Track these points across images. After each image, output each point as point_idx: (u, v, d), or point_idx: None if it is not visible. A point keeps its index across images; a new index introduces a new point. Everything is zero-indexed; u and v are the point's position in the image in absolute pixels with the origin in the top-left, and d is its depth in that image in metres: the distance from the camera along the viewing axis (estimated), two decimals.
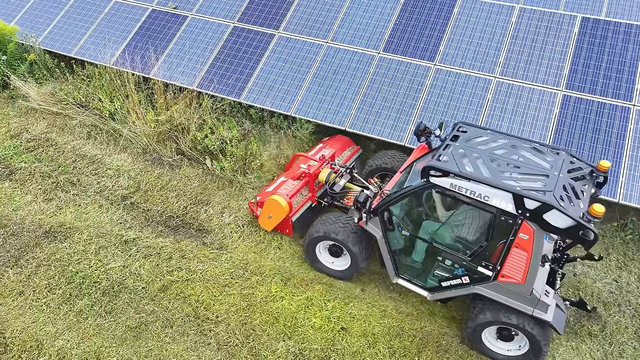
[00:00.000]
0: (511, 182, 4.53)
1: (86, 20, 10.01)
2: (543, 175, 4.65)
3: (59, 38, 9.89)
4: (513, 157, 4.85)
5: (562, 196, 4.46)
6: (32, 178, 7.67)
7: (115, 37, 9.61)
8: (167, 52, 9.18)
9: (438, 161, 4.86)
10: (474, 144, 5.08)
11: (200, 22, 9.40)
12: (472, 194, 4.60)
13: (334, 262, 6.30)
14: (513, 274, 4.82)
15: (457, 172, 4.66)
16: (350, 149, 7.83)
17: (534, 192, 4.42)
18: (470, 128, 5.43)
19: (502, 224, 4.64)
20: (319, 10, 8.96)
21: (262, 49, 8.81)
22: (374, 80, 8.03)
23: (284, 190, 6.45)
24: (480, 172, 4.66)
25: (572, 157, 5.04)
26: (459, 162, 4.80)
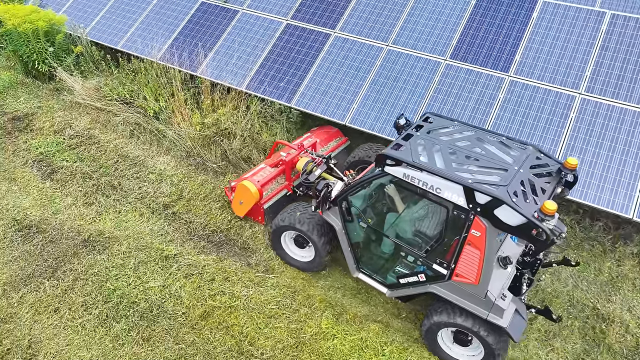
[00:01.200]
0: (465, 175, 4.29)
1: (134, 11, 9.56)
2: (501, 169, 4.39)
3: (106, 29, 9.48)
4: (475, 150, 4.63)
5: (517, 192, 4.17)
6: (73, 179, 7.30)
7: (163, 31, 9.13)
8: (216, 49, 8.62)
9: (393, 150, 4.65)
10: (437, 135, 4.89)
11: (252, 18, 8.79)
12: (425, 185, 4.39)
13: (299, 253, 6.10)
14: (466, 274, 4.54)
15: (409, 162, 4.45)
16: (337, 140, 7.56)
17: (487, 185, 4.15)
18: (437, 119, 5.24)
19: (455, 218, 4.39)
20: (379, 10, 8.20)
21: (316, 49, 8.13)
22: (440, 90, 7.24)
23: (258, 177, 6.29)
24: (435, 162, 4.45)
25: (539, 153, 4.76)
26: (415, 151, 4.60)
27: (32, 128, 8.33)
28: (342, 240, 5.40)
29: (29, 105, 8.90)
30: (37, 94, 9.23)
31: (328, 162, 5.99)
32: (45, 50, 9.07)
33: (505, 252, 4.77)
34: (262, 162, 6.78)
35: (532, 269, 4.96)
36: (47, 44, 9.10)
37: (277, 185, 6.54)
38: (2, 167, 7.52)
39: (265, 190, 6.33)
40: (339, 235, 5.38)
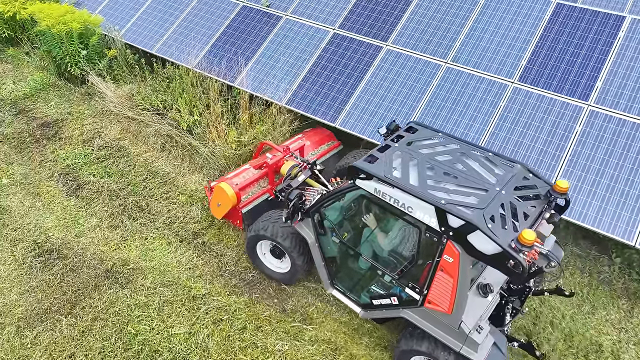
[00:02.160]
0: (439, 194, 3.87)
1: (171, 13, 8.96)
2: (481, 189, 3.96)
3: (142, 32, 8.92)
4: (456, 166, 4.23)
5: (495, 216, 3.73)
6: (99, 196, 6.76)
7: (200, 36, 8.50)
8: (256, 58, 7.94)
9: (366, 162, 4.25)
10: (416, 147, 4.47)
11: (296, 25, 8.06)
12: (396, 202, 3.99)
13: (276, 264, 5.68)
14: (439, 302, 4.13)
15: (380, 176, 4.05)
16: (329, 144, 7.02)
17: (461, 207, 3.73)
18: (422, 129, 4.79)
19: (428, 241, 3.99)
20: (437, 22, 7.33)
21: (365, 63, 7.34)
22: (505, 117, 6.36)
23: (239, 179, 5.93)
24: (408, 178, 4.04)
25: (527, 173, 4.30)
26: (389, 165, 4.19)
27: (61, 136, 7.85)
28: (315, 254, 5.05)
29: (59, 110, 8.43)
30: (69, 97, 8.77)
31: (313, 168, 5.50)
32: (78, 53, 8.59)
33: (489, 277, 4.37)
34: (247, 163, 6.38)
35: (520, 296, 4.55)
36: (81, 46, 8.61)
37: (259, 189, 6.12)
38: (28, 179, 7.05)
39: (245, 193, 5.95)
40: (312, 249, 5.02)
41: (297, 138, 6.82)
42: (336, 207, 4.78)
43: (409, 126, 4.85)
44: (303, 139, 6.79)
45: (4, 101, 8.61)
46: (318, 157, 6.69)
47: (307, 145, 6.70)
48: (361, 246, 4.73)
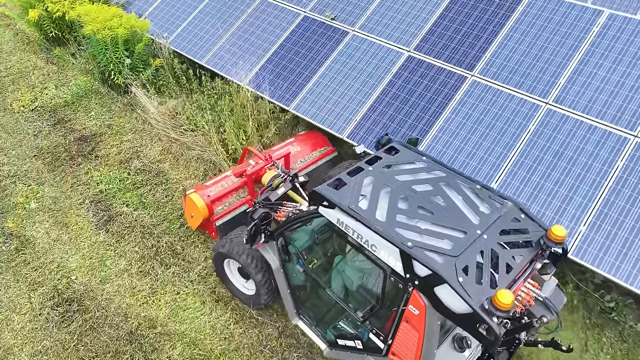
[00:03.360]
0: (408, 234, 3.35)
1: (225, 20, 8.04)
2: (459, 230, 3.42)
3: (192, 38, 8.06)
4: (434, 200, 3.67)
5: (469, 267, 3.14)
6: (131, 233, 5.97)
7: (255, 48, 7.53)
8: (316, 79, 6.90)
9: (332, 188, 3.74)
10: (393, 172, 3.89)
11: (364, 43, 6.95)
12: (360, 238, 3.50)
13: (243, 284, 5.18)
14: (403, 355, 3.59)
15: (342, 207, 3.54)
16: (321, 150, 6.33)
17: (431, 253, 3.19)
18: (404, 150, 4.24)
19: (393, 285, 3.47)
20: (537, 51, 6.03)
21: (445, 95, 6.16)
22: (625, 181, 5.06)
23: (214, 189, 5.46)
24: (374, 211, 3.51)
25: (520, 213, 3.69)
26: (356, 193, 3.67)
27: (98, 154, 7.12)
28: (280, 281, 4.56)
29: (99, 122, 7.72)
30: (110, 107, 8.05)
31: (293, 180, 4.89)
32: (122, 61, 7.83)
33: None
34: (230, 169, 5.87)
35: (508, 348, 3.88)
36: (126, 53, 7.84)
37: (238, 199, 5.61)
38: (58, 204, 6.35)
39: (222, 203, 5.48)
40: (276, 275, 4.51)
41: (287, 143, 6.21)
42: (304, 231, 4.20)
43: (390, 146, 4.22)
44: (294, 144, 6.17)
45: (44, 108, 7.99)
46: (307, 165, 6.06)
47: (297, 152, 6.09)
48: (328, 277, 4.18)
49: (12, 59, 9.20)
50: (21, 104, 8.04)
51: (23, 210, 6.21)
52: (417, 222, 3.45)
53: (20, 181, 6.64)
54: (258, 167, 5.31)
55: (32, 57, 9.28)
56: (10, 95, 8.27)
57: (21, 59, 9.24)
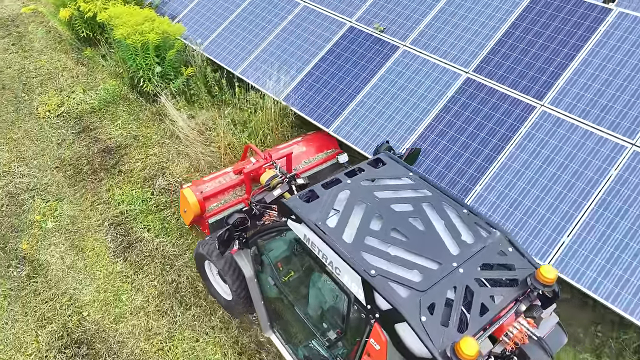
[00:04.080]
0: (375, 261, 2.91)
1: (263, 26, 7.42)
2: (433, 261, 2.95)
3: (227, 45, 7.48)
4: (414, 222, 3.20)
5: (437, 305, 2.72)
6: (150, 263, 5.44)
7: (294, 59, 6.90)
8: (360, 99, 6.21)
9: (303, 200, 3.34)
10: (373, 188, 3.47)
11: (416, 61, 6.21)
12: (325, 258, 3.08)
13: (223, 288, 4.92)
14: None
15: (308, 223, 3.12)
16: (327, 152, 6.00)
17: (396, 284, 2.78)
18: (392, 164, 3.83)
19: (356, 314, 3.03)
20: (623, 81, 5.18)
21: (509, 127, 5.38)
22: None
23: (210, 185, 5.27)
24: (342, 231, 3.08)
25: (508, 246, 3.14)
26: (327, 208, 3.25)
27: (121, 168, 6.64)
28: (253, 290, 4.25)
29: (125, 132, 7.25)
30: (138, 115, 7.57)
31: (290, 183, 4.62)
32: (152, 69, 7.32)
33: None
34: (231, 166, 5.66)
35: None
36: (157, 59, 7.33)
37: (234, 197, 5.34)
38: (75, 224, 5.89)
39: (217, 200, 5.27)
40: (249, 284, 4.21)
41: (293, 142, 5.92)
42: (280, 241, 3.84)
43: (376, 157, 3.87)
44: (299, 144, 5.89)
45: (69, 114, 7.58)
46: (310, 167, 5.75)
47: (302, 152, 5.81)
48: (299, 294, 3.84)
49: (42, 59, 8.85)
50: (47, 109, 7.65)
51: (39, 229, 5.78)
52: (388, 247, 3.09)
53: (39, 196, 6.21)
54: (257, 165, 5.04)
55: (62, 56, 8.91)
56: (37, 98, 7.90)
57: (52, 58, 8.89)
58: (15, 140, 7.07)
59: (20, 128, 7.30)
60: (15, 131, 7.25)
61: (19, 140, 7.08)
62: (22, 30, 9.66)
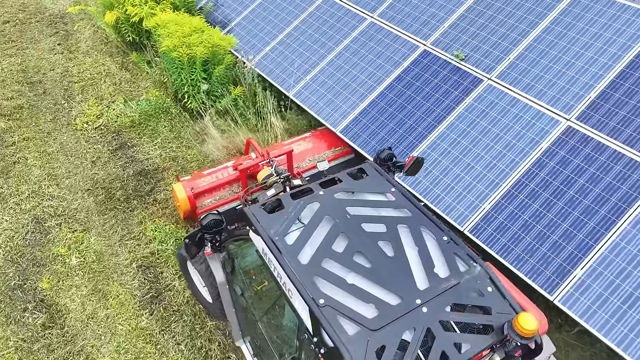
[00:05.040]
0: (328, 288, 2.63)
1: (323, 43, 6.57)
2: (395, 294, 2.62)
3: (281, 61, 6.69)
4: (383, 246, 2.87)
5: (387, 349, 2.40)
6: (179, 320, 4.74)
7: (357, 85, 6.02)
8: (432, 140, 5.27)
9: (266, 210, 3.07)
10: (347, 202, 3.12)
11: (503, 99, 5.20)
12: (279, 277, 2.81)
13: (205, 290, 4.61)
14: None
15: (264, 236, 2.89)
16: (336, 150, 5.68)
17: (345, 318, 2.51)
18: (376, 176, 3.42)
19: (307, 342, 2.71)
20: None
21: (626, 197, 4.32)
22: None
23: (204, 180, 5.11)
24: (299, 250, 2.80)
25: (489, 285, 2.74)
26: (290, 221, 2.97)
27: (156, 197, 5.98)
28: (224, 296, 3.91)
29: (164, 152, 6.60)
30: (180, 133, 6.91)
31: (285, 183, 4.42)
32: (198, 86, 6.63)
33: None
34: (231, 160, 5.47)
35: None
36: (204, 74, 6.62)
37: (231, 193, 5.14)
38: (102, 262, 5.28)
39: (212, 196, 5.09)
40: (220, 289, 3.87)
41: (299, 138, 5.66)
42: (250, 249, 3.44)
43: (359, 167, 3.57)
44: (306, 140, 5.62)
45: (107, 128, 7.01)
46: (314, 166, 5.38)
47: (307, 149, 5.51)
48: (263, 308, 3.52)
49: (87, 61, 8.37)
50: (85, 120, 7.12)
51: (62, 265, 5.20)
52: (347, 273, 2.77)
53: (67, 223, 5.65)
54: (252, 162, 4.83)
55: (107, 60, 8.39)
56: (76, 107, 7.39)
57: (96, 61, 8.38)
58: (49, 155, 6.56)
59: (55, 140, 6.79)
60: (51, 144, 6.75)
61: (53, 154, 6.57)
62: (70, 29, 9.24)
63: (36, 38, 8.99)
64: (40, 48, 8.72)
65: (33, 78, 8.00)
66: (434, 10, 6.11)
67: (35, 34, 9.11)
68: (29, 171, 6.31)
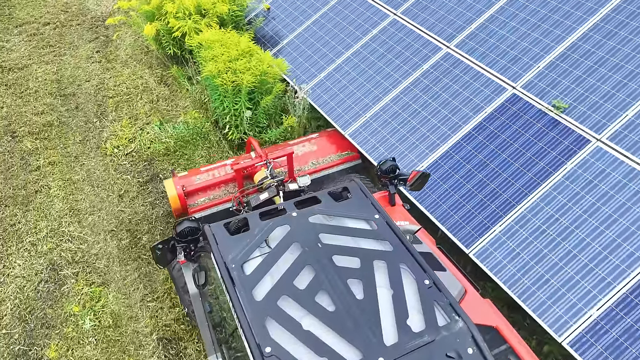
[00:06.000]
0: (278, 332, 2.39)
1: (387, 74, 5.62)
2: (356, 348, 2.34)
3: (337, 92, 5.79)
4: (353, 286, 2.55)
5: None
6: None
7: (426, 130, 5.04)
8: (520, 212, 4.25)
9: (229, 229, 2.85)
10: (321, 228, 2.80)
11: (618, 169, 4.11)
12: (233, 308, 2.62)
13: None
14: None
15: (215, 262, 2.65)
16: (342, 155, 5.27)
17: None
18: (361, 198, 3.03)
19: None
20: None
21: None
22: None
23: (199, 177, 4.84)
24: (255, 282, 2.54)
25: (470, 345, 2.39)
26: (255, 245, 2.72)
27: None
28: (196, 309, 3.49)
29: None
30: None
31: (278, 188, 4.08)
32: (241, 114, 5.82)
33: None
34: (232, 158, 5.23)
35: None
36: (249, 104, 5.80)
37: (226, 193, 4.89)
38: (118, 328, 4.55)
39: (206, 195, 4.85)
40: (193, 300, 3.53)
41: (305, 139, 5.34)
42: None
43: (343, 186, 3.15)
44: (311, 142, 5.31)
45: (139, 155, 6.32)
46: (317, 170, 5.13)
47: (312, 152, 5.23)
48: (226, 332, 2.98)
49: (124, 73, 7.73)
50: (116, 144, 6.45)
51: (74, 329, 4.52)
52: (305, 316, 2.41)
53: (84, 273, 4.97)
54: (249, 162, 4.61)
55: (145, 72, 7.73)
56: (108, 127, 6.74)
57: (134, 73, 7.73)
58: (74, 184, 5.92)
59: (82, 167, 6.16)
60: (77, 170, 6.11)
61: (78, 184, 5.93)
62: (110, 34, 8.64)
63: (75, 43, 8.43)
64: (78, 55, 8.15)
65: (67, 90, 7.42)
66: None
67: (74, 38, 8.56)
68: (51, 203, 5.69)
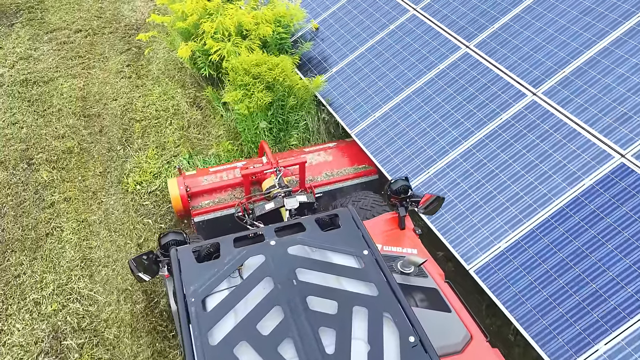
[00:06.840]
0: None
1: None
2: None
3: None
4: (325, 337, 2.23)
5: None
6: None
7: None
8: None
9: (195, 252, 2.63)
10: (298, 262, 2.51)
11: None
12: None
13: None
14: None
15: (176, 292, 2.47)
16: (358, 168, 4.91)
17: None
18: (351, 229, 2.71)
19: None
20: None
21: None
22: None
23: (209, 178, 4.64)
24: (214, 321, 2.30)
25: None
26: (223, 276, 2.46)
27: None
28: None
29: None
30: None
31: (284, 199, 3.88)
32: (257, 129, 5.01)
33: None
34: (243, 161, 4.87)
35: None
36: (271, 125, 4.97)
37: (232, 197, 4.58)
38: None
39: (212, 198, 4.58)
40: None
41: (321, 147, 4.98)
42: None
43: (333, 214, 2.79)
44: (327, 152, 4.92)
45: (163, 195, 5.60)
46: (329, 182, 4.73)
47: (327, 162, 4.84)
48: None
49: (155, 92, 7.05)
50: (139, 179, 5.76)
51: None
52: (270, 355, 2.16)
53: (89, 346, 4.29)
54: (258, 168, 4.42)
55: (178, 92, 7.02)
56: (132, 157, 6.06)
57: (165, 92, 7.04)
58: (89, 227, 5.26)
59: (100, 205, 5.48)
60: (94, 209, 5.45)
61: (93, 226, 5.26)
62: (144, 46, 7.98)
63: (106, 54, 7.82)
64: (107, 68, 7.52)
65: (92, 109, 6.79)
66: None
67: (105, 49, 7.94)
68: (62, 250, 5.04)
